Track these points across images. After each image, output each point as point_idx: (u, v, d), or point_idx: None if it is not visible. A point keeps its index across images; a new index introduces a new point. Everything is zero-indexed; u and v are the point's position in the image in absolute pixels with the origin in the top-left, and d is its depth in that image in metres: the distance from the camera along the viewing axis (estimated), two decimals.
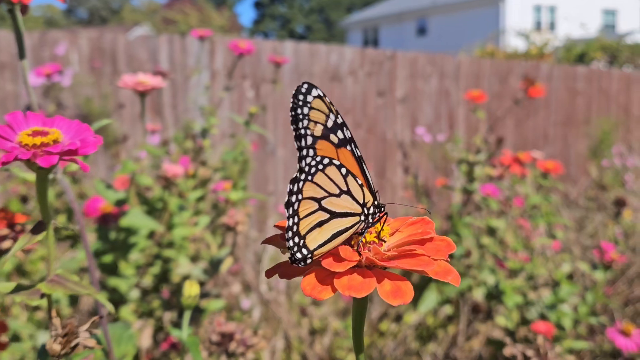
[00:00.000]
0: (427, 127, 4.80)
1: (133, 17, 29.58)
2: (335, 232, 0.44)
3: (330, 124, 0.45)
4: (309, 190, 0.44)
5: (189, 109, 3.76)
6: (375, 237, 0.45)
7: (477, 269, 1.81)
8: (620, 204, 1.66)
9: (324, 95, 0.45)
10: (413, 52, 4.93)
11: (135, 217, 1.17)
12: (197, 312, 1.43)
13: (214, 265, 1.28)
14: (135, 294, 1.38)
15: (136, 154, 2.49)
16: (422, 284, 1.89)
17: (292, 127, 0.45)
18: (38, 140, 0.47)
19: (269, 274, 0.45)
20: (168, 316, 1.48)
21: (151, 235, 1.41)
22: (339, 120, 0.45)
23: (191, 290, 0.65)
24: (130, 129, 3.66)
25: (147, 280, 1.45)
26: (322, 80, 4.30)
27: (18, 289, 0.52)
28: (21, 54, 0.68)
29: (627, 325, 1.35)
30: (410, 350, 2.09)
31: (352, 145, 0.45)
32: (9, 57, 3.52)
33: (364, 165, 0.46)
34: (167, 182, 1.43)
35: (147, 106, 3.65)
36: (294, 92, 0.44)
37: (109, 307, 0.50)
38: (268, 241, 0.48)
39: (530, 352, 0.77)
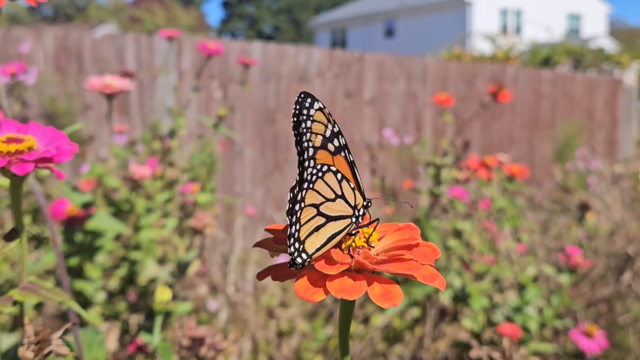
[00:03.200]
0: (395, 129, 4.83)
1: (99, 15, 29.25)
2: (330, 235, 0.46)
3: (328, 133, 0.47)
4: (310, 197, 0.46)
5: (156, 109, 3.74)
6: (364, 241, 0.47)
7: (443, 271, 1.82)
8: (584, 207, 1.69)
9: (324, 107, 0.47)
10: (381, 54, 4.95)
11: (102, 220, 1.16)
12: (165, 315, 1.42)
13: (182, 268, 1.28)
14: (101, 296, 1.37)
15: (102, 154, 2.47)
16: None
17: (293, 132, 0.47)
18: (12, 147, 0.47)
19: (261, 276, 0.46)
20: (135, 319, 1.47)
21: (118, 237, 1.40)
22: (336, 129, 0.47)
23: (163, 295, 0.65)
24: (97, 129, 3.62)
25: (114, 283, 1.43)
26: (290, 81, 4.30)
27: None
28: None
29: (590, 327, 1.37)
30: (377, 352, 2.10)
31: (346, 151, 0.48)
32: None
33: (355, 169, 0.48)
34: (135, 184, 1.41)
35: (113, 106, 3.62)
36: (297, 100, 0.46)
37: (83, 314, 0.50)
38: (260, 244, 0.49)
39: (496, 355, 0.77)
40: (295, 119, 0.46)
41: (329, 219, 0.46)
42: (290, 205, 0.46)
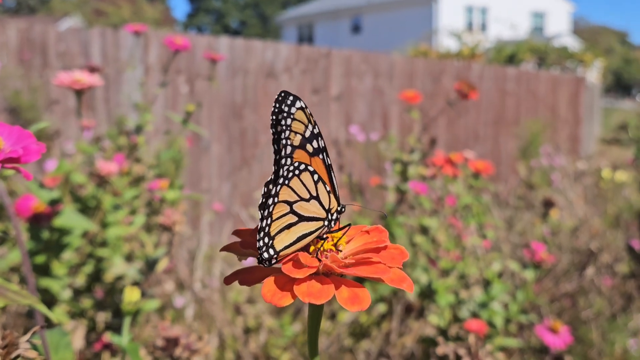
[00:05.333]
0: (361, 125, 4.84)
1: (63, 7, 28.83)
2: (300, 234, 0.46)
3: (307, 133, 0.47)
4: (285, 194, 0.45)
5: (121, 104, 3.70)
6: (332, 244, 0.47)
7: (410, 267, 1.83)
8: (548, 204, 1.71)
9: (306, 107, 0.46)
10: (348, 50, 4.95)
11: (70, 217, 1.15)
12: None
13: (150, 265, 1.27)
14: (67, 294, 1.35)
15: (68, 149, 2.44)
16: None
17: (271, 130, 0.47)
18: None
19: (228, 280, 0.45)
20: (102, 316, 1.46)
21: (84, 234, 1.38)
22: (316, 131, 0.47)
23: (132, 295, 0.65)
24: (62, 123, 3.58)
25: (80, 280, 1.42)
26: (257, 76, 4.29)
27: None
28: None
29: (555, 322, 1.39)
30: (344, 348, 2.11)
31: (324, 154, 0.47)
32: None
33: (332, 173, 0.48)
34: (101, 180, 1.40)
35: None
36: (277, 98, 0.46)
37: (50, 315, 0.49)
38: (226, 249, 0.48)
39: (462, 351, 0.78)
40: (274, 117, 0.46)
41: (302, 218, 0.46)
42: (264, 200, 0.46)
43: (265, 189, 0.46)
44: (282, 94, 0.46)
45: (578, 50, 14.19)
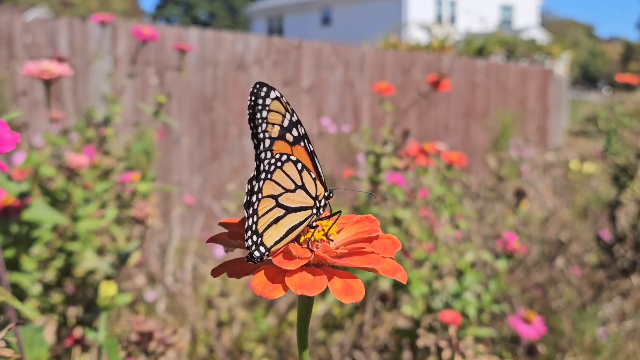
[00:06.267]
0: (332, 117, 4.83)
1: None
2: (290, 227, 0.45)
3: (286, 123, 0.45)
4: (269, 188, 0.44)
5: (90, 96, 3.65)
6: (323, 234, 0.45)
7: None
8: (519, 194, 1.72)
9: (281, 96, 0.45)
10: (319, 42, 4.94)
11: (39, 211, 1.13)
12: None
13: (122, 259, 1.25)
14: (36, 289, 1.33)
15: (36, 142, 2.40)
16: None
17: (249, 125, 0.45)
18: None
19: (216, 273, 0.44)
20: (73, 311, 1.43)
21: (54, 228, 1.36)
22: (294, 119, 0.46)
23: (108, 290, 0.63)
24: (30, 116, 3.52)
25: (50, 275, 1.39)
26: (227, 68, 4.26)
27: None
28: None
29: (529, 313, 1.40)
30: (317, 340, 2.10)
31: (306, 140, 0.46)
32: None
33: (316, 159, 0.47)
34: (71, 173, 1.38)
35: (46, 92, 3.52)
36: (252, 91, 0.45)
37: (28, 313, 0.48)
38: (213, 240, 0.47)
39: (443, 343, 0.78)
40: (250, 110, 0.45)
41: (289, 210, 0.45)
42: (248, 198, 0.44)
43: (249, 186, 0.45)
44: (257, 86, 0.45)
45: (546, 43, 14.32)
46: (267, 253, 0.44)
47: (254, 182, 0.45)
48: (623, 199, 2.58)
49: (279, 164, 0.45)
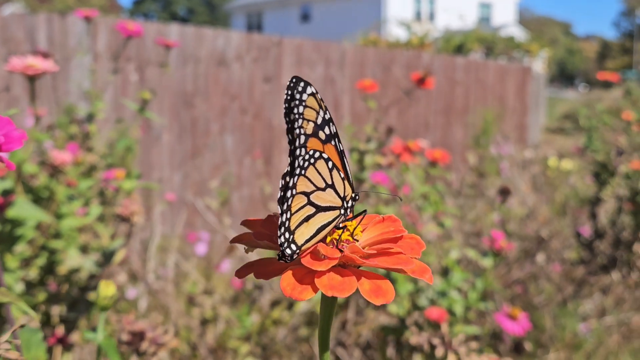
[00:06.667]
0: None
1: None
2: (319, 226, 0.44)
3: (319, 120, 0.45)
4: (302, 185, 0.44)
5: (70, 92, 3.61)
6: (348, 235, 0.45)
7: None
8: (504, 192, 1.73)
9: (317, 92, 0.44)
10: (299, 39, 4.93)
11: (23, 208, 1.11)
12: (87, 306, 1.38)
13: (107, 257, 1.24)
14: (19, 287, 1.31)
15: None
16: None
17: (285, 120, 0.45)
18: None
19: (241, 273, 0.43)
20: (56, 310, 1.42)
21: (37, 225, 1.35)
22: (327, 116, 0.45)
23: (107, 290, 0.62)
24: (6, 112, 3.47)
25: (33, 273, 1.38)
26: (208, 64, 4.24)
27: None
28: None
29: (514, 309, 1.41)
30: (300, 338, 2.10)
31: (336, 139, 0.46)
32: None
33: (345, 159, 0.46)
34: (55, 170, 1.36)
35: (25, 89, 3.48)
36: (289, 85, 0.44)
37: (33, 315, 0.47)
38: (237, 240, 0.46)
39: (436, 341, 0.78)
40: (286, 105, 0.44)
41: (319, 209, 0.44)
42: (282, 193, 0.44)
43: (282, 181, 0.44)
44: (294, 80, 0.44)
45: (524, 41, 14.43)
46: (297, 251, 0.43)
47: (287, 178, 0.44)
48: (603, 196, 2.61)
49: (312, 160, 0.44)
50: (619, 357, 2.29)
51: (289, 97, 0.44)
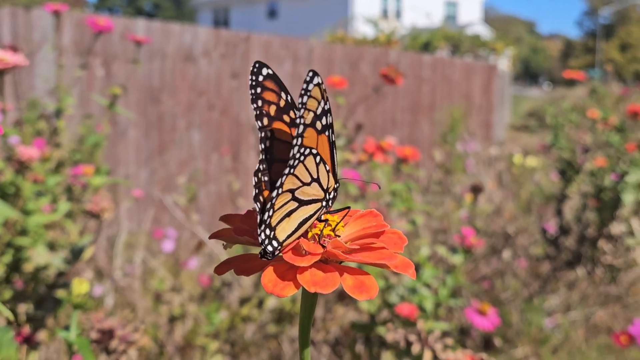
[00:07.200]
0: None
1: None
2: (301, 220, 0.44)
3: (319, 110, 0.44)
4: (289, 183, 0.43)
5: (35, 87, 3.56)
6: (330, 230, 0.44)
7: None
8: (476, 190, 1.74)
9: (322, 82, 0.43)
10: (267, 35, 4.92)
11: None
12: (54, 304, 1.36)
13: (75, 254, 1.22)
14: None
15: None
16: None
17: (301, 111, 0.44)
18: None
19: (221, 270, 0.42)
20: (22, 308, 1.40)
21: (4, 222, 1.32)
22: (327, 107, 0.44)
23: (81, 288, 0.61)
24: None
25: None
26: (175, 60, 4.20)
27: None
28: None
29: (484, 305, 1.42)
30: (268, 335, 2.10)
31: (330, 130, 0.45)
32: None
33: (334, 150, 0.46)
34: (21, 166, 1.34)
35: None
36: (305, 79, 0.43)
37: (9, 315, 0.46)
38: (216, 236, 0.45)
39: (412, 337, 0.78)
40: (300, 99, 0.43)
41: (302, 203, 0.44)
42: (257, 191, 0.43)
43: (255, 178, 0.43)
44: (310, 74, 0.43)
45: (489, 39, 14.55)
46: (279, 247, 0.42)
47: (260, 175, 0.43)
48: (569, 193, 2.64)
49: (302, 157, 0.43)
50: (583, 351, 2.32)
51: (303, 92, 0.43)
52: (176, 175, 4.03)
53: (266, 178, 0.44)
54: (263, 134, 0.45)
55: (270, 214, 0.42)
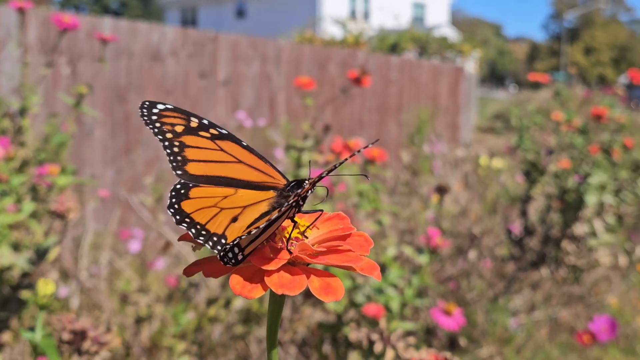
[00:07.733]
0: (249, 111, 4.81)
1: None
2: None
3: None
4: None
5: None
6: (298, 232, 0.44)
7: None
8: (442, 190, 1.76)
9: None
10: (235, 35, 4.91)
11: None
12: (18, 305, 1.34)
13: (40, 254, 1.21)
14: None
15: None
16: None
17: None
18: None
19: (190, 271, 0.42)
20: None
21: None
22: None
23: (46, 289, 0.61)
24: None
25: None
26: (142, 59, 4.17)
27: None
28: None
29: (449, 305, 1.44)
30: (235, 335, 2.09)
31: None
32: None
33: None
34: None
35: None
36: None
37: None
38: (185, 238, 0.45)
39: (375, 336, 0.79)
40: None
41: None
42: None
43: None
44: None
45: (456, 41, 14.68)
46: (240, 253, 0.41)
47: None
48: (533, 194, 2.67)
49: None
50: (546, 350, 2.36)
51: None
52: (143, 175, 4.00)
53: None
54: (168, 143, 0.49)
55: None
